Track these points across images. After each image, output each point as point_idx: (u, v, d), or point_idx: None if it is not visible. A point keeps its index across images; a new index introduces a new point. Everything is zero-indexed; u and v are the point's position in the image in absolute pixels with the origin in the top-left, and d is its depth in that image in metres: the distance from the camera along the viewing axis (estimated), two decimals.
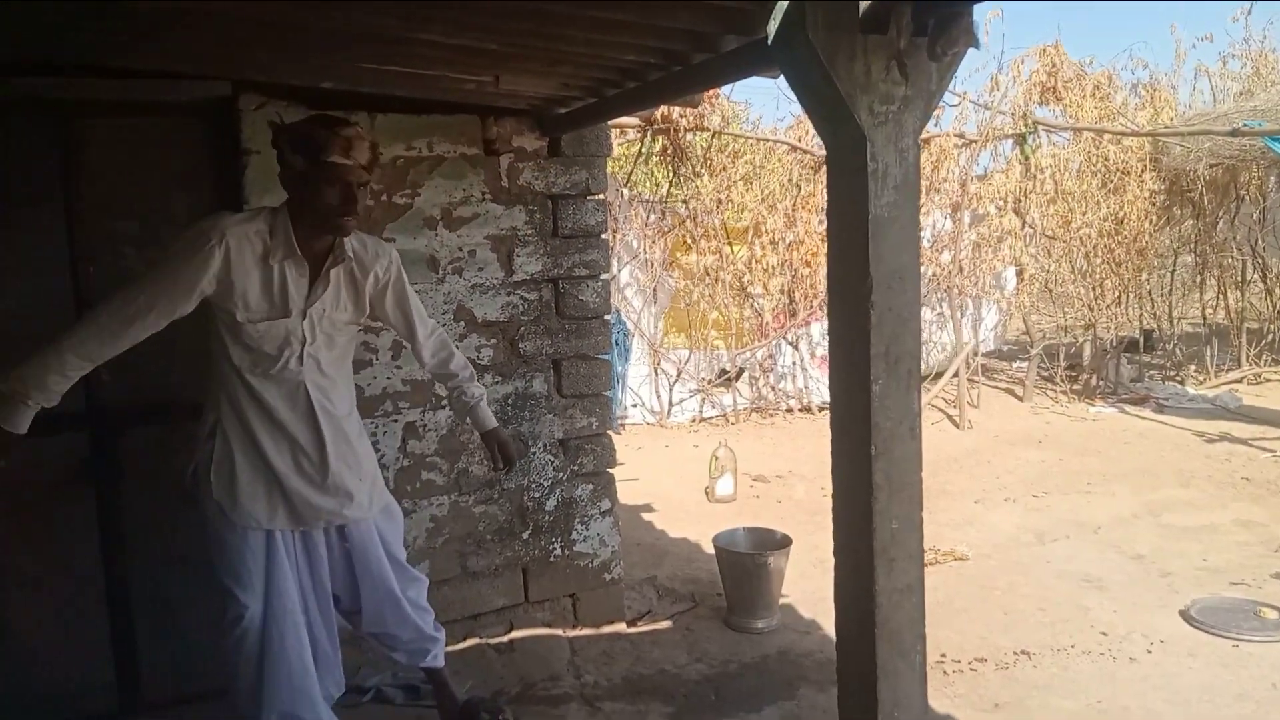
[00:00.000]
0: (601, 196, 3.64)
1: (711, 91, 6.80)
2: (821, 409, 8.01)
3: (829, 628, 3.67)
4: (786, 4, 1.58)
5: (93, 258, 2.87)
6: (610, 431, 3.72)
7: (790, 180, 7.94)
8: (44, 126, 2.80)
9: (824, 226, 8.18)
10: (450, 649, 3.32)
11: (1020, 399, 8.57)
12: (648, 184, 8.42)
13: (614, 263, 7.12)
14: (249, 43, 2.46)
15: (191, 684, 3.02)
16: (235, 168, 3.03)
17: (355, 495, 2.51)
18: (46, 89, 2.74)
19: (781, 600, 3.78)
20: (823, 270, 7.93)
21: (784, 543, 3.79)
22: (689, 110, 6.99)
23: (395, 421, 3.32)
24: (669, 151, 7.60)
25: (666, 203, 7.81)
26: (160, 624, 3.02)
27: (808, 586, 4.01)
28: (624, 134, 7.39)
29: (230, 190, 3.04)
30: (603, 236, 3.65)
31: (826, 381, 6.61)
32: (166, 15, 2.14)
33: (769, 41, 1.66)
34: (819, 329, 8.23)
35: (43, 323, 2.79)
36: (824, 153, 6.26)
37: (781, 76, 2.49)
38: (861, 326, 1.58)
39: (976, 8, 1.62)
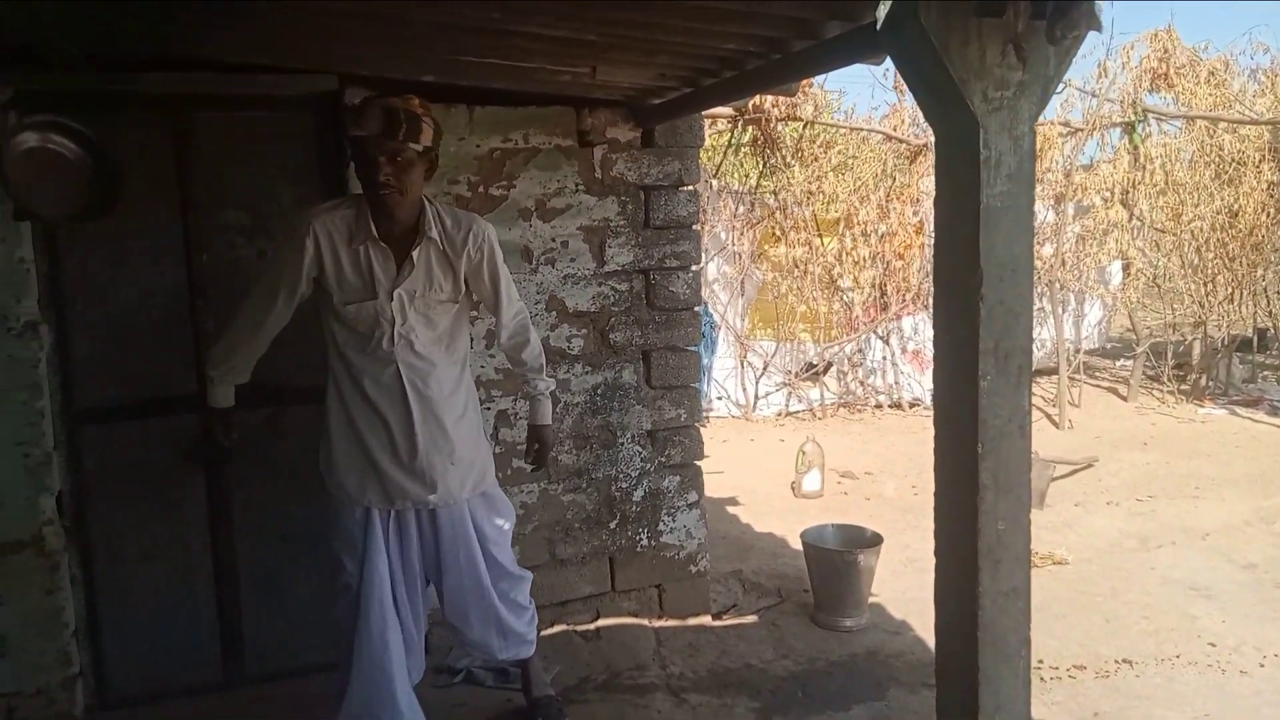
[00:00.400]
0: (694, 187, 3.62)
1: (805, 80, 6.70)
2: (913, 405, 7.85)
3: (920, 629, 3.62)
4: None
5: (205, 247, 2.98)
6: (697, 424, 3.70)
7: (884, 170, 7.77)
8: (160, 121, 2.92)
9: (918, 218, 8.05)
10: (540, 633, 3.38)
11: (1124, 399, 8.24)
12: (736, 174, 8.36)
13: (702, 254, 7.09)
14: (356, 38, 2.52)
15: (292, 659, 3.13)
16: (340, 160, 3.11)
17: (443, 481, 2.50)
18: (162, 84, 2.85)
19: (871, 599, 3.72)
20: (916, 264, 7.77)
21: (874, 541, 3.72)
22: (781, 99, 6.92)
23: (488, 409, 3.37)
24: (759, 141, 7.53)
25: (756, 194, 7.74)
26: (264, 599, 3.14)
27: (898, 586, 3.94)
28: (714, 124, 7.35)
29: (334, 182, 3.13)
30: (694, 228, 3.64)
31: (917, 377, 6.52)
32: (279, 12, 2.20)
33: (877, 26, 1.61)
34: (910, 323, 8.06)
35: (159, 309, 2.96)
36: (920, 142, 6.12)
37: (883, 63, 2.45)
38: (970, 320, 1.53)
39: None
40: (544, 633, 3.39)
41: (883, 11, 1.60)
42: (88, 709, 2.96)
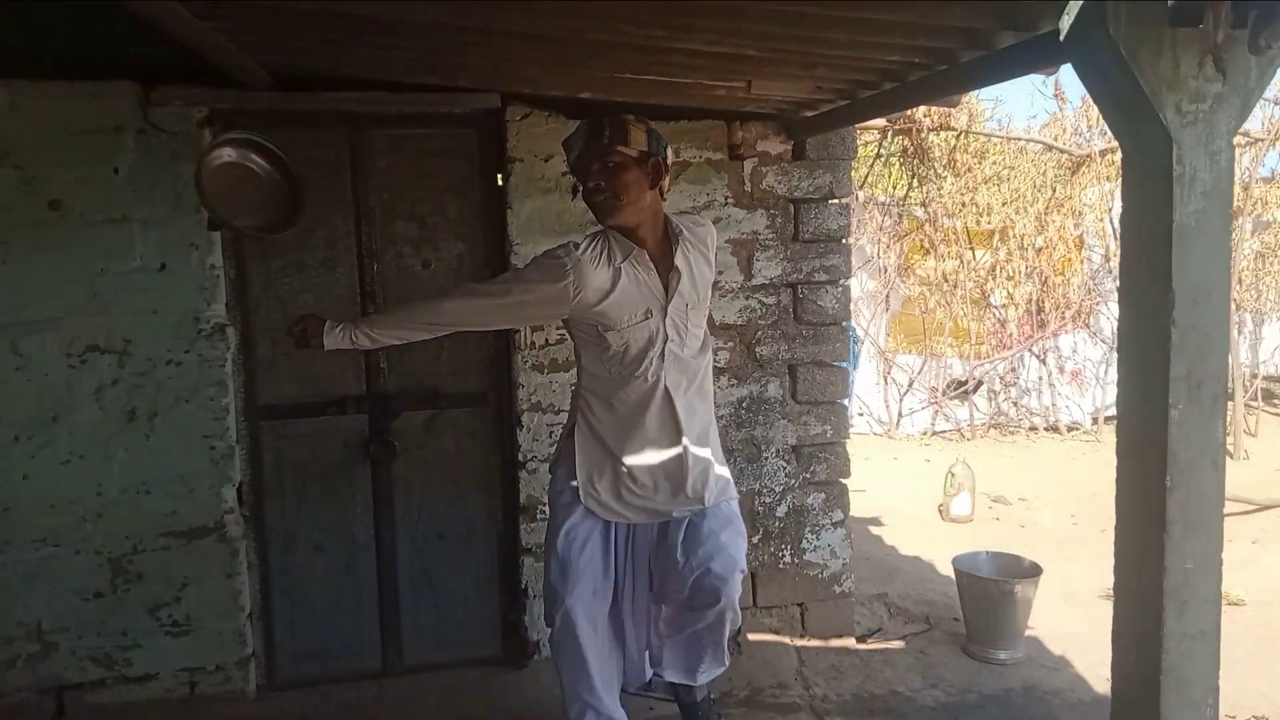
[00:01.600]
0: (845, 200, 3.56)
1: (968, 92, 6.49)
2: (1071, 429, 7.47)
3: (1081, 667, 3.43)
4: None
5: (377, 256, 3.15)
6: (844, 441, 3.63)
7: (1044, 181, 7.44)
8: (337, 137, 3.11)
9: (1079, 232, 7.65)
10: None
11: None
12: (883, 185, 8.18)
13: None
14: (520, 58, 2.60)
15: (446, 652, 3.26)
16: (499, 173, 3.23)
17: (707, 488, 2.49)
18: (339, 103, 3.03)
19: (1027, 632, 3.54)
20: (1077, 280, 7.39)
21: (1032, 571, 3.55)
22: (933, 109, 6.72)
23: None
24: (909, 152, 7.35)
25: (904, 206, 7.55)
26: (421, 593, 3.27)
27: (1057, 620, 3.75)
28: (861, 134, 7.22)
29: (495, 196, 3.25)
30: (844, 241, 3.58)
31: (1077, 399, 6.17)
32: (450, 36, 2.31)
33: (1060, 37, 1.55)
34: (1069, 341, 7.67)
35: (335, 312, 3.10)
36: (1083, 152, 5.82)
37: (1056, 73, 2.34)
38: (1160, 345, 1.44)
39: None
40: None
41: (1067, 23, 1.54)
42: (259, 688, 3.16)
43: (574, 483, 2.49)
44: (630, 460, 2.43)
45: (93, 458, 2.95)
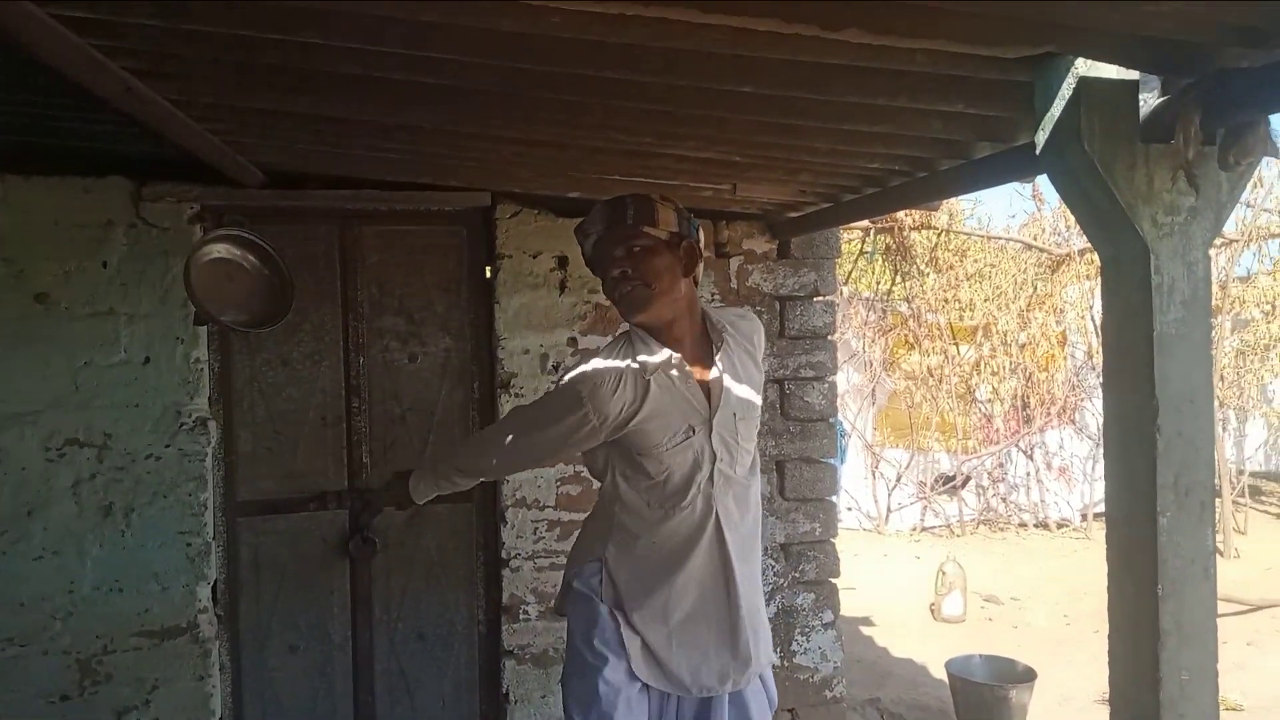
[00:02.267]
0: (831, 298, 3.61)
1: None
2: (1060, 525, 7.42)
3: None
4: (1059, 112, 1.52)
5: (363, 351, 3.15)
6: (833, 539, 3.59)
7: (1024, 279, 7.57)
8: (328, 233, 3.14)
9: (1061, 328, 7.75)
10: None
11: None
12: (867, 281, 8.31)
13: None
14: (512, 160, 2.66)
15: None
16: (489, 269, 3.26)
17: (757, 650, 2.02)
18: (331, 201, 3.08)
19: None
20: (1061, 375, 7.45)
21: (1027, 676, 3.48)
22: (914, 210, 6.88)
23: None
24: (891, 249, 7.49)
25: (887, 301, 7.65)
26: (398, 696, 3.17)
27: None
28: (846, 232, 7.37)
29: (483, 291, 3.27)
30: (830, 338, 3.61)
31: (1065, 496, 6.14)
32: (446, 138, 2.36)
33: (1037, 151, 1.59)
34: (1055, 437, 7.69)
35: (317, 409, 3.11)
36: (1063, 251, 5.95)
37: (1032, 181, 2.41)
38: (1146, 453, 1.44)
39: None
40: None
41: (1042, 137, 1.58)
42: None
43: (611, 626, 1.99)
44: (675, 612, 1.97)
45: (66, 554, 2.88)
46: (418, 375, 3.20)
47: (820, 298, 3.58)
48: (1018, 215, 13.31)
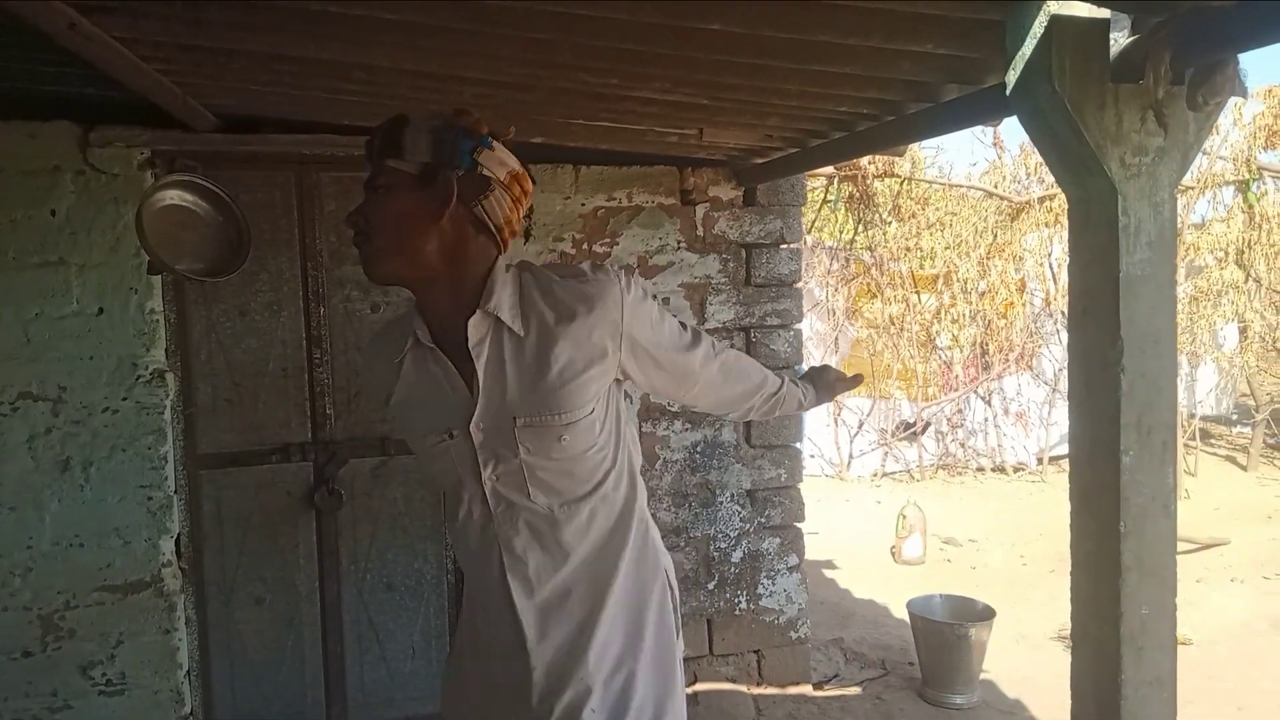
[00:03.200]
0: (796, 246, 3.60)
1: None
2: (1017, 469, 7.59)
3: (1036, 709, 3.44)
4: (1030, 52, 1.51)
5: (323, 301, 3.09)
6: (798, 485, 3.63)
7: (985, 227, 7.63)
8: (285, 179, 3.06)
9: (1020, 276, 7.84)
10: None
11: (1244, 468, 7.80)
12: (830, 230, 8.33)
13: None
14: (474, 104, 2.58)
15: (394, 707, 3.16)
16: None
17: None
18: (288, 145, 2.99)
19: (982, 675, 3.55)
20: (1020, 323, 7.55)
21: (986, 614, 3.57)
22: (878, 157, 6.87)
23: None
24: (854, 198, 7.50)
25: (850, 249, 7.68)
26: (368, 647, 3.17)
27: (1010, 663, 3.77)
28: (809, 179, 7.35)
29: None
30: (796, 286, 3.61)
31: (1022, 440, 6.26)
32: (407, 79, 2.29)
33: (1007, 91, 1.58)
34: (1013, 383, 7.82)
35: (277, 360, 3.06)
36: (1022, 199, 5.97)
37: (1000, 124, 2.40)
38: (1110, 392, 1.46)
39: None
40: None
41: (1013, 77, 1.57)
42: None
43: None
44: (472, 655, 1.60)
45: (24, 509, 2.82)
46: (380, 325, 3.14)
47: (786, 245, 3.57)
48: (979, 163, 13.37)
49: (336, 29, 1.85)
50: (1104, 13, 1.47)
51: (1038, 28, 1.49)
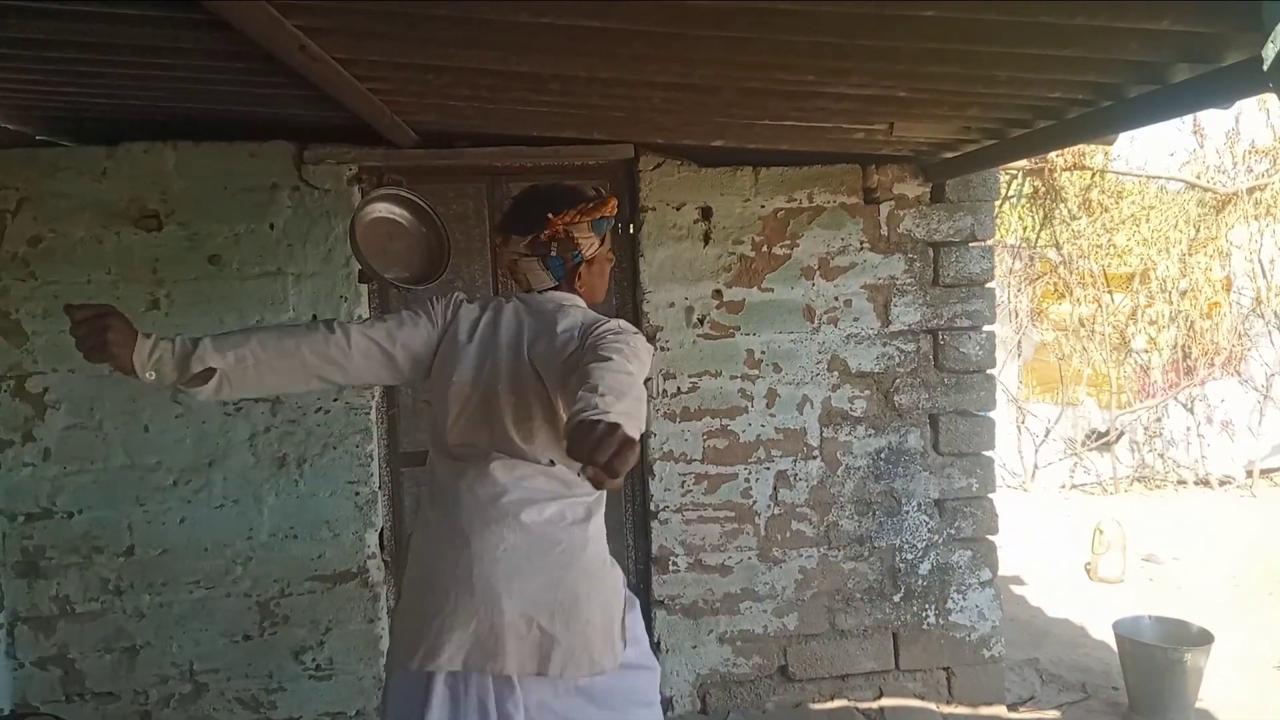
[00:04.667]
0: (989, 243, 3.43)
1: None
2: (1222, 483, 6.96)
3: None
4: None
5: None
6: (991, 495, 3.45)
7: (1186, 221, 7.05)
8: (477, 191, 3.18)
9: (1226, 273, 7.20)
10: (819, 707, 3.27)
11: None
12: (1011, 227, 7.92)
13: None
14: (660, 108, 2.61)
15: None
16: (633, 223, 3.24)
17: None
18: (481, 159, 3.11)
19: (1197, 704, 3.27)
20: (1226, 323, 6.95)
21: (1203, 638, 3.28)
22: (1066, 149, 6.48)
23: (767, 469, 3.33)
24: (1040, 192, 7.09)
25: (1035, 247, 7.27)
26: None
27: (1228, 691, 3.45)
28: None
29: (627, 245, 3.25)
30: (988, 285, 3.44)
31: (1228, 449, 5.74)
32: (598, 86, 2.32)
33: (1265, 66, 1.44)
34: (1218, 389, 7.19)
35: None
36: (1229, 190, 5.48)
37: (1231, 107, 2.20)
38: None
39: None
40: (824, 706, 3.28)
41: (1271, 51, 1.42)
42: None
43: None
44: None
45: (245, 502, 3.05)
46: None
47: (977, 243, 3.41)
48: (1177, 153, 12.36)
49: (541, 40, 1.90)
50: None
51: None
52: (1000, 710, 3.33)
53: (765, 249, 3.32)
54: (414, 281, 2.84)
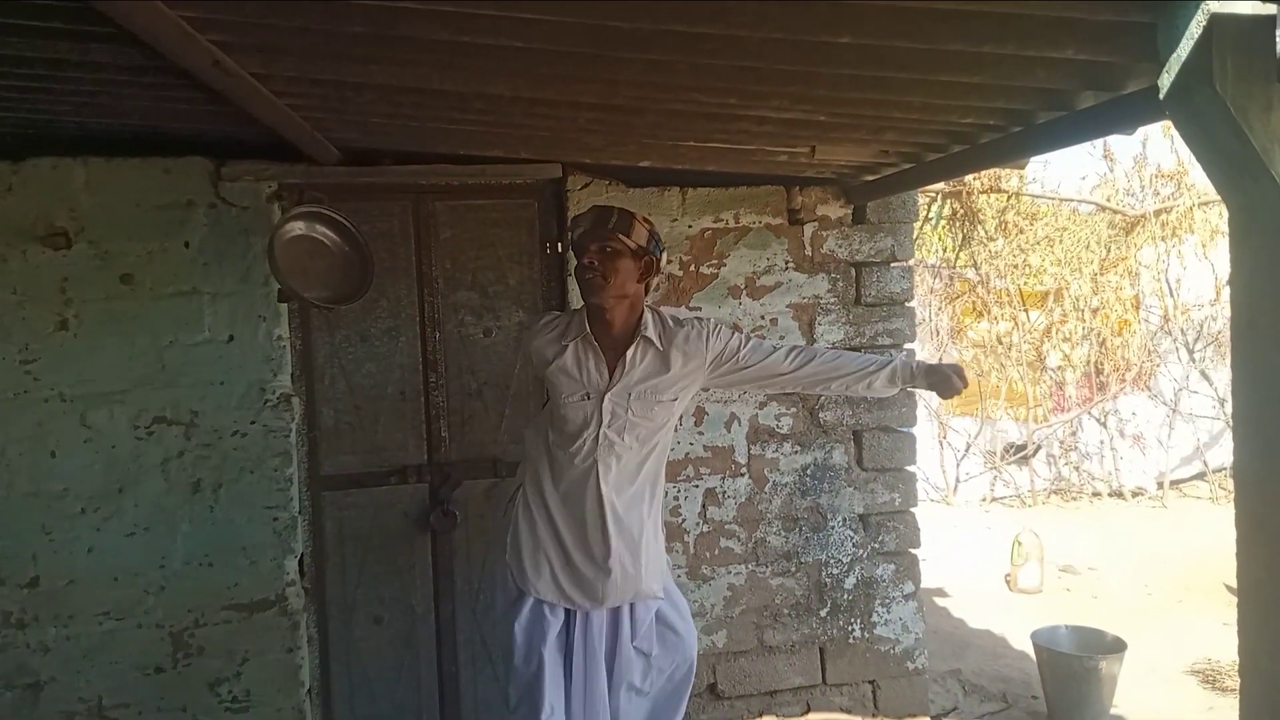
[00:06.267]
0: (909, 263, 3.52)
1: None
2: (1135, 494, 7.23)
3: None
4: (1187, 54, 1.43)
5: (439, 325, 3.15)
6: (913, 509, 3.52)
7: (1097, 242, 7.34)
8: (402, 209, 3.14)
9: (1135, 292, 7.51)
10: None
11: None
12: (931, 248, 8.13)
13: None
14: (586, 129, 2.62)
15: None
16: (558, 243, 3.24)
17: (629, 580, 2.45)
18: (405, 176, 3.08)
19: (1112, 711, 3.37)
20: (1136, 341, 7.23)
21: (1116, 646, 3.39)
22: (982, 173, 6.69)
23: (696, 487, 3.35)
24: (958, 214, 7.30)
25: (954, 267, 7.48)
26: (481, 666, 3.20)
27: (1141, 698, 3.57)
28: None
29: (555, 265, 3.25)
30: (908, 304, 3.52)
31: (1140, 462, 5.93)
32: (523, 106, 2.32)
33: (1160, 95, 1.51)
34: (1129, 404, 7.48)
35: (396, 384, 3.13)
36: (1137, 213, 5.70)
37: (1134, 133, 2.30)
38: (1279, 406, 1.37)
39: None
40: None
41: (1167, 80, 1.50)
42: None
43: (520, 569, 2.47)
44: (570, 542, 2.43)
45: (157, 530, 2.95)
46: (493, 349, 3.20)
47: (897, 263, 3.49)
48: (1088, 176, 12.87)
49: (462, 59, 1.89)
50: (1270, 8, 1.39)
51: (1195, 28, 1.41)
52: None
53: (693, 268, 3.35)
54: (335, 301, 2.79)
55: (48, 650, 2.89)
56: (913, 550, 3.49)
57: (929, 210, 7.28)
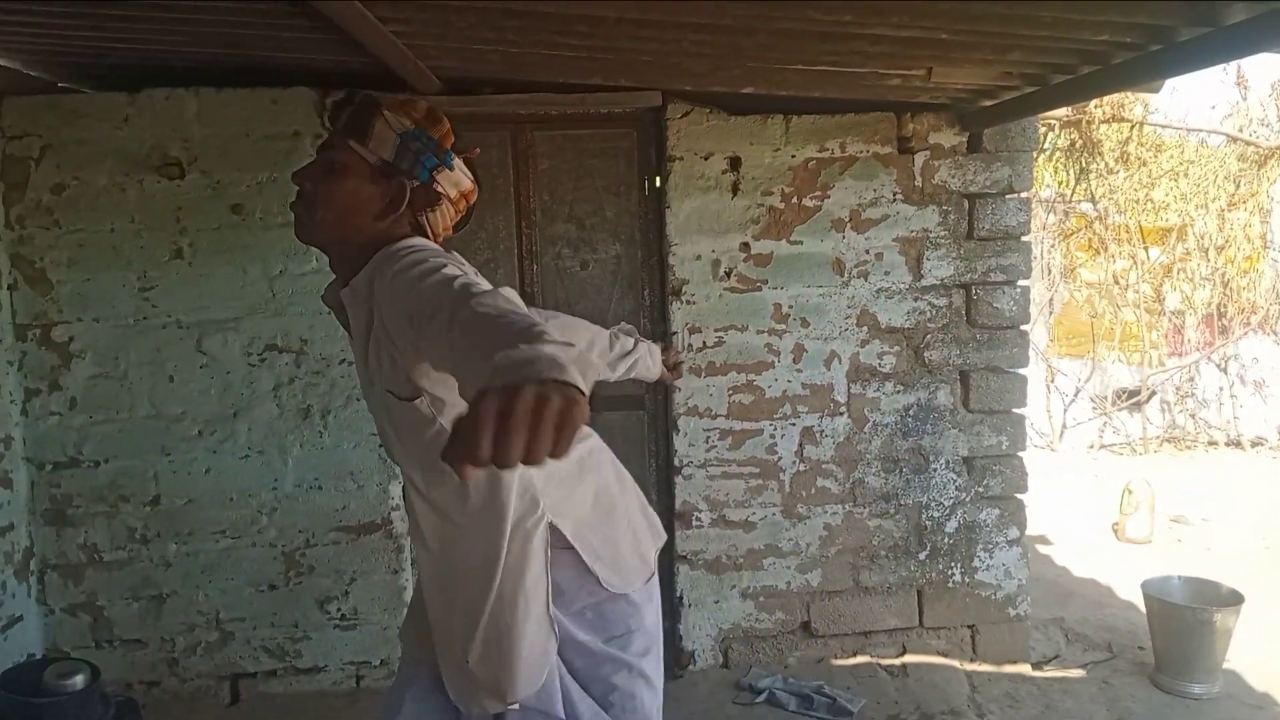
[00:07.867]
0: (1026, 195, 3.34)
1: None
2: (1255, 444, 6.85)
3: None
4: None
5: (536, 257, 3.14)
6: (1021, 454, 3.40)
7: (1226, 177, 6.86)
8: (501, 139, 3.12)
9: (1264, 230, 7.02)
10: (841, 663, 3.27)
11: None
12: (1045, 181, 7.74)
13: None
14: (691, 52, 2.53)
15: None
16: (659, 174, 3.17)
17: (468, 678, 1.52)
18: (506, 105, 3.04)
19: (1225, 665, 3.23)
20: (1265, 282, 6.79)
21: (1233, 599, 3.23)
22: (1104, 100, 6.29)
23: (793, 425, 3.29)
24: (1076, 145, 6.90)
25: (1070, 201, 7.10)
26: None
27: (1259, 653, 3.40)
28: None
29: (653, 196, 3.19)
30: (1024, 239, 3.35)
31: (1261, 410, 5.60)
32: (627, 28, 2.25)
33: None
34: (1253, 349, 7.05)
35: None
36: (1271, 144, 5.28)
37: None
38: None
39: None
40: (846, 662, 3.27)
41: None
42: None
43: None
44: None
45: (270, 453, 3.06)
46: (589, 282, 3.18)
47: (1014, 195, 3.32)
48: (1219, 105, 12.02)
49: None
50: None
51: None
52: (1025, 669, 3.31)
53: (795, 200, 3.24)
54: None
55: (169, 565, 3.06)
56: (1019, 495, 3.38)
57: (1045, 141, 6.90)
